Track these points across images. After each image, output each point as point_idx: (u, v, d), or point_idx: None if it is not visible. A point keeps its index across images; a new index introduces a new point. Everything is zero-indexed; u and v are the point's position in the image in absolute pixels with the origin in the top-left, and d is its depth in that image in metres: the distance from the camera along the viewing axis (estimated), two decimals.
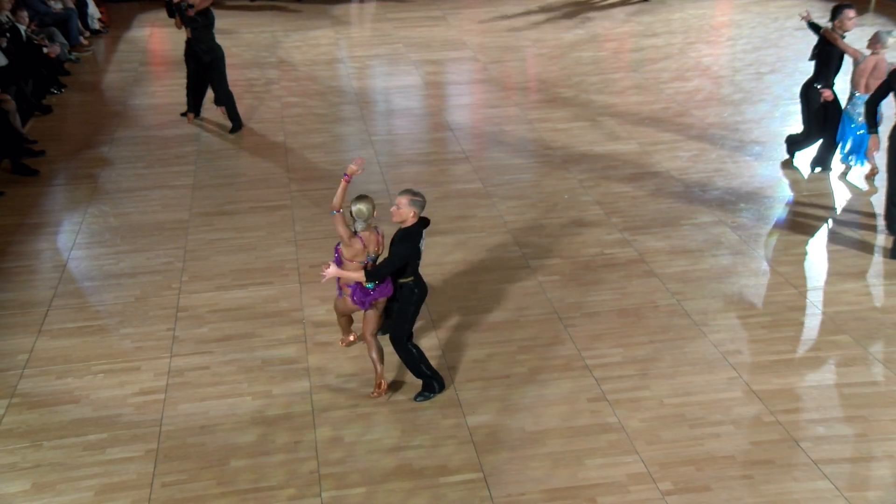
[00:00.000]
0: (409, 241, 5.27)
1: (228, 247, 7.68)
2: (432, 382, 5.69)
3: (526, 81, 12.41)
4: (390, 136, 10.46)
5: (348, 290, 5.61)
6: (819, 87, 8.78)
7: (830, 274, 7.15)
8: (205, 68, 10.23)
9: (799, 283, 7.00)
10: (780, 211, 8.29)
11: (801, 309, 6.66)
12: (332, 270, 5.24)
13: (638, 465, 5.11)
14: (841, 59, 8.67)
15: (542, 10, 16.58)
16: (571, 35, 14.72)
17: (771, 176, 9.06)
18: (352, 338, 6.22)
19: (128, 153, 9.87)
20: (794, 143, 9.26)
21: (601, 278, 7.12)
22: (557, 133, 10.29)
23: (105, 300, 6.89)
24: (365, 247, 5.43)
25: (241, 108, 10.69)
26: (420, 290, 5.46)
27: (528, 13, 16.34)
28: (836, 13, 8.53)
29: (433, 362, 6.01)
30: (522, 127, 10.54)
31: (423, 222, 5.36)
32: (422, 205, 5.31)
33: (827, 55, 8.64)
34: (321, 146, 9.98)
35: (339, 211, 5.33)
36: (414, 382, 5.82)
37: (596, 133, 10.28)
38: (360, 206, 5.36)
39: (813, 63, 8.86)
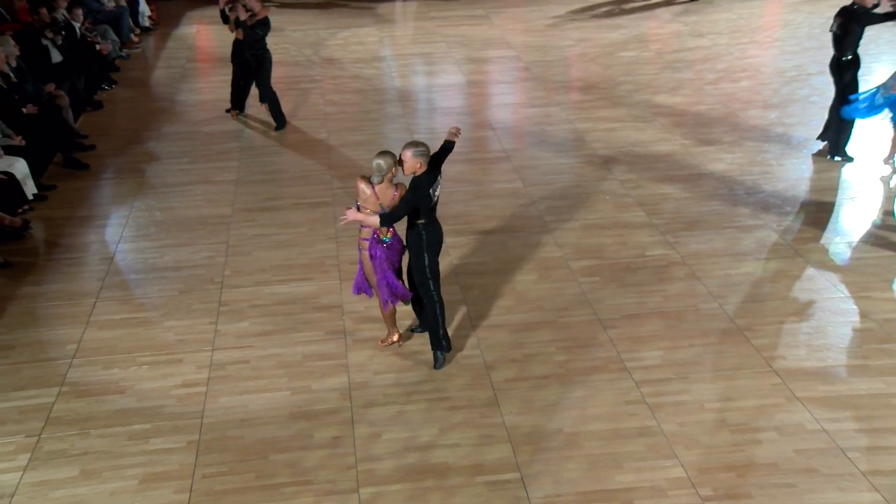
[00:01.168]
0: (419, 188, 5.57)
1: (270, 242, 7.76)
2: (441, 342, 5.92)
3: (568, 81, 12.34)
4: (431, 134, 10.44)
5: (366, 250, 5.76)
6: (848, 57, 8.90)
7: (880, 280, 6.99)
8: (250, 67, 10.34)
9: (847, 289, 6.86)
10: (827, 214, 8.12)
11: (849, 316, 6.52)
12: (352, 213, 5.60)
13: (677, 470, 5.05)
14: (862, 33, 8.81)
15: (586, 9, 16.45)
16: (615, 35, 14.59)
17: (818, 178, 8.88)
18: (395, 338, 6.23)
19: (173, 148, 10.02)
20: (834, 138, 9.19)
21: (642, 280, 7.04)
22: (599, 133, 10.21)
23: (149, 293, 7.00)
24: (377, 197, 5.62)
25: (285, 106, 10.78)
26: (428, 233, 5.68)
27: (572, 12, 16.23)
28: None
29: (471, 361, 6.02)
30: (564, 127, 10.47)
31: (432, 169, 5.66)
32: (426, 153, 5.61)
33: (847, 28, 8.78)
34: (363, 144, 10.03)
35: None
36: (444, 379, 5.83)
37: (639, 134, 10.18)
38: (379, 161, 5.62)
39: (832, 37, 8.99)
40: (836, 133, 9.19)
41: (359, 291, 6.09)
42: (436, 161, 5.76)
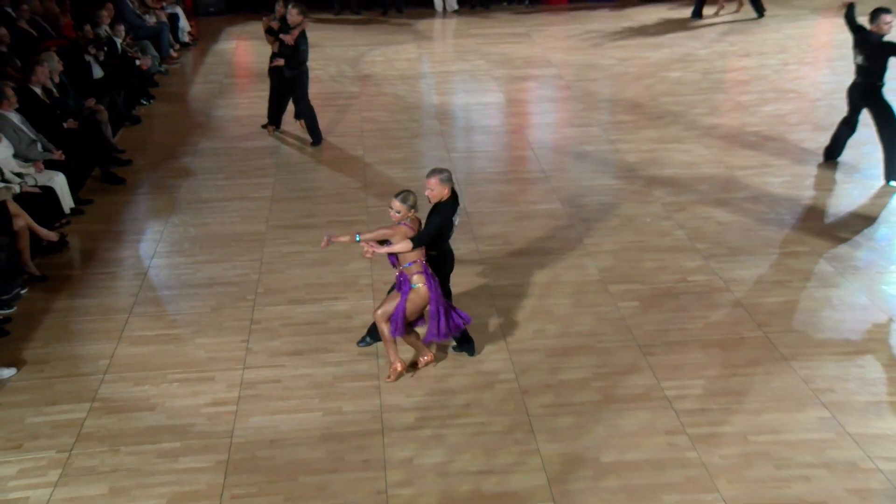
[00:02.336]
0: (443, 212, 5.80)
1: (304, 260, 7.82)
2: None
3: (610, 101, 12.31)
4: (469, 153, 10.51)
5: (423, 284, 5.84)
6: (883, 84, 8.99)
7: None
8: (287, 83, 10.49)
9: None
10: (881, 241, 7.97)
11: None
12: (376, 247, 5.75)
13: None
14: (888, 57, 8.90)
15: (629, 28, 16.43)
16: (659, 54, 14.54)
17: (870, 203, 8.73)
18: (427, 357, 6.23)
19: (209, 164, 10.18)
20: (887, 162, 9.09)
21: (683, 306, 6.97)
22: (641, 154, 10.15)
23: (182, 309, 7.08)
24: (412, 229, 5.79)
25: (322, 122, 10.90)
26: (440, 262, 5.94)
27: (615, 31, 16.22)
28: (874, 17, 8.85)
29: (506, 386, 6.00)
30: (605, 147, 10.44)
31: (454, 196, 5.89)
32: (450, 178, 5.84)
33: (878, 53, 8.86)
34: (400, 162, 10.09)
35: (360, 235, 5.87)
36: (478, 404, 5.80)
37: (682, 155, 10.10)
38: (406, 195, 5.76)
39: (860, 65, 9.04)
40: (889, 157, 9.05)
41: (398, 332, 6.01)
42: (454, 192, 5.95)
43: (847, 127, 9.54)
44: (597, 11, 18.00)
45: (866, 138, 10.14)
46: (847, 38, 9.46)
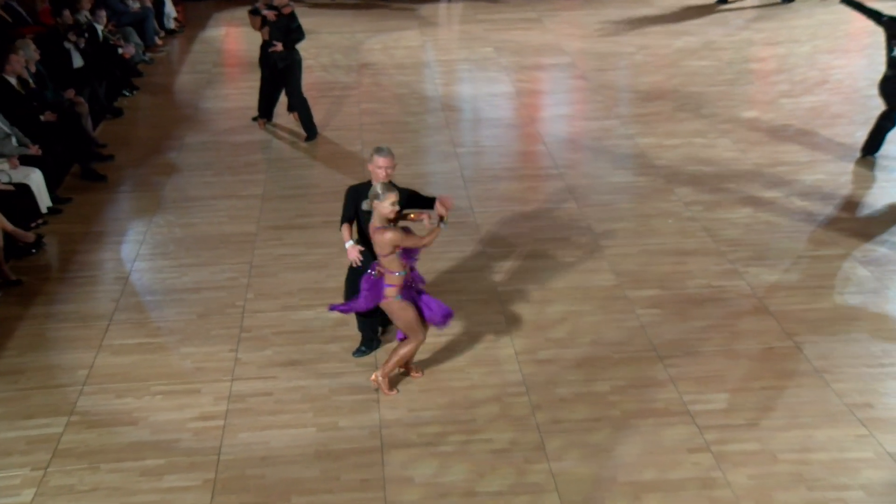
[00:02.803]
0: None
1: (298, 263, 7.82)
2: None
3: (628, 92, 12.30)
4: (477, 148, 10.51)
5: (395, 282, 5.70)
6: None
7: None
8: (279, 72, 10.51)
9: None
10: None
11: None
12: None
13: None
14: None
15: (650, 13, 16.43)
16: (681, 42, 14.54)
17: None
18: (417, 374, 6.26)
19: (196, 160, 10.20)
20: None
21: (707, 314, 6.96)
22: (662, 150, 10.15)
23: (166, 316, 7.10)
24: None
25: (317, 115, 10.92)
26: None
27: (634, 17, 16.21)
28: None
29: (515, 400, 5.99)
30: (623, 142, 10.43)
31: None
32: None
33: None
34: (402, 157, 9.99)
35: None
36: (486, 419, 5.80)
37: (706, 151, 10.09)
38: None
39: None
40: None
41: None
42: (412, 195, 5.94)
43: (887, 121, 9.53)
44: None
45: None
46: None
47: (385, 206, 5.56)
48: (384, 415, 5.89)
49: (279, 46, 10.28)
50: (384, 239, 5.56)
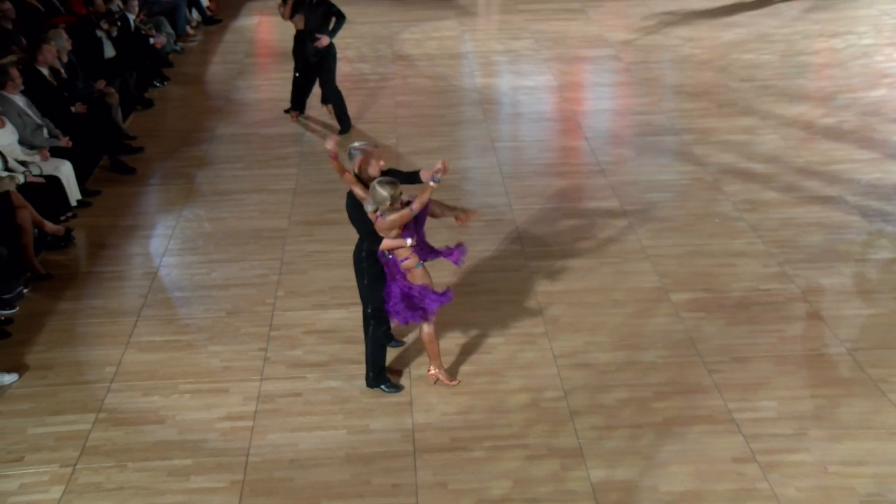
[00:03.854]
0: None
1: (329, 260, 7.87)
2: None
3: (675, 86, 12.21)
4: (516, 143, 10.50)
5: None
6: None
7: None
8: (313, 64, 10.55)
9: None
10: None
11: None
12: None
13: None
14: None
15: (698, 4, 16.27)
16: (731, 34, 14.39)
17: None
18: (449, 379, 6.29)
19: (227, 152, 10.30)
20: None
21: (755, 318, 6.90)
22: (710, 146, 10.06)
23: (194, 313, 7.19)
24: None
25: (351, 107, 10.96)
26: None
27: (681, 8, 16.07)
28: None
29: (553, 405, 5.99)
30: (669, 138, 10.37)
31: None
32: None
33: None
34: (437, 151, 10.10)
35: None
36: (522, 425, 5.80)
37: (756, 148, 10.00)
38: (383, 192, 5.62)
39: None
40: None
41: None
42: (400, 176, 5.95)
43: None
44: None
45: None
46: None
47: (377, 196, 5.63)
48: (417, 418, 5.92)
49: (324, 40, 10.27)
50: (385, 224, 5.62)
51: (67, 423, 5.93)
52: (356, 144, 5.91)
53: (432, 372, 6.20)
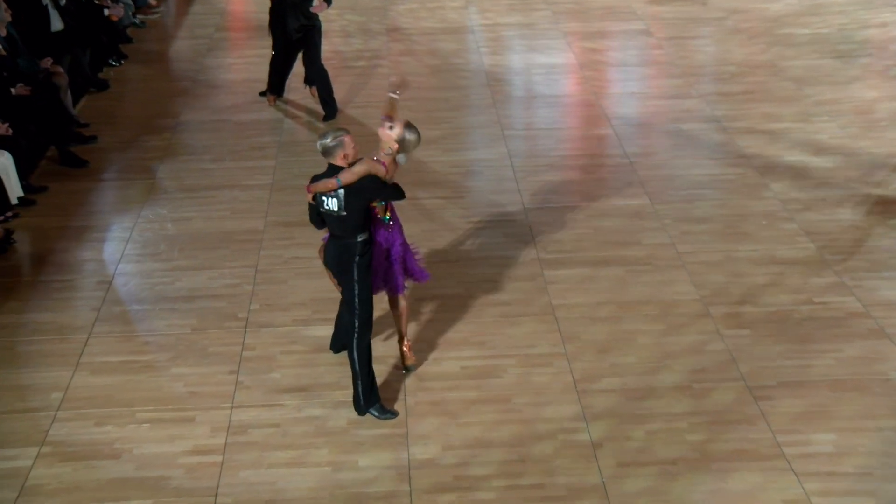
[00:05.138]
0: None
1: (312, 268, 7.84)
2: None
3: (715, 65, 12.21)
4: (530, 131, 10.49)
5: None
6: None
7: None
8: (296, 39, 10.52)
9: None
10: None
11: None
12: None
13: None
14: None
15: None
16: (780, 5, 14.40)
17: None
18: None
19: (194, 142, 10.30)
20: None
21: (809, 336, 6.89)
22: (755, 136, 10.06)
23: (155, 329, 7.17)
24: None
25: (338, 90, 10.95)
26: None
27: None
28: None
29: (572, 437, 5.98)
30: (708, 126, 10.36)
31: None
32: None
33: None
34: (438, 141, 10.10)
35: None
36: (537, 461, 5.79)
37: (809, 138, 9.99)
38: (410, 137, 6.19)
39: None
40: None
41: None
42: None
43: None
44: None
45: None
46: None
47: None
48: (414, 453, 5.89)
49: (321, 5, 10.26)
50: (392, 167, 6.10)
51: (5, 459, 5.90)
52: (328, 141, 5.91)
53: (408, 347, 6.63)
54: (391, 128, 6.08)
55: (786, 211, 8.57)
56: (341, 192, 5.84)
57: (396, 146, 6.08)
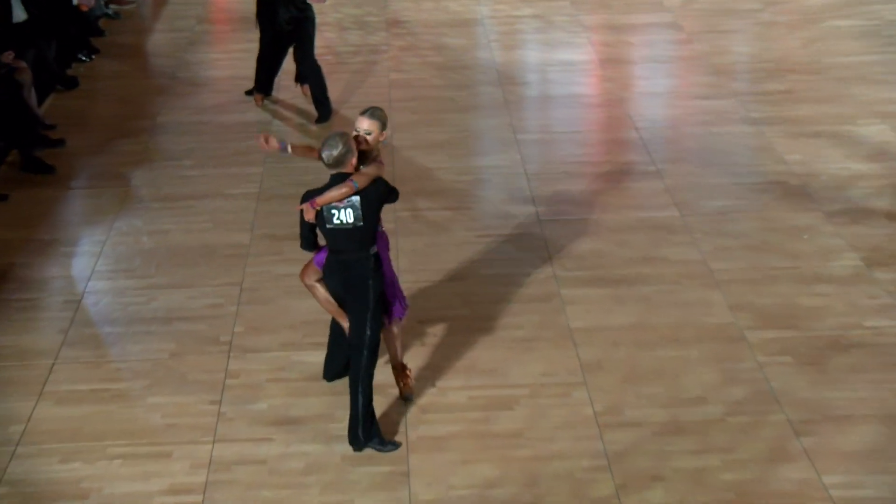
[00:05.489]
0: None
1: (303, 287, 7.81)
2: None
3: (751, 62, 12.21)
4: (545, 134, 10.48)
5: None
6: None
7: None
8: (287, 32, 10.53)
9: None
10: None
11: None
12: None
13: None
14: None
15: None
16: None
17: None
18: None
19: (173, 146, 10.30)
20: None
21: (858, 365, 6.87)
22: (796, 141, 10.05)
23: (129, 354, 7.15)
24: None
25: (333, 89, 10.96)
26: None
27: None
28: None
29: (592, 477, 5.95)
30: (743, 129, 10.36)
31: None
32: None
33: None
34: (444, 146, 10.10)
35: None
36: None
37: (856, 142, 9.99)
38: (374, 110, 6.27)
39: None
40: None
41: None
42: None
43: None
44: None
45: None
46: None
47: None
48: (416, 492, 5.87)
49: None
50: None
51: None
52: (340, 150, 5.86)
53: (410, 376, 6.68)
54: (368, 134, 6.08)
55: (831, 224, 8.56)
56: (356, 199, 5.80)
57: (386, 134, 6.16)
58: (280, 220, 8.81)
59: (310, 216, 5.87)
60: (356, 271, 5.98)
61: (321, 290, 6.34)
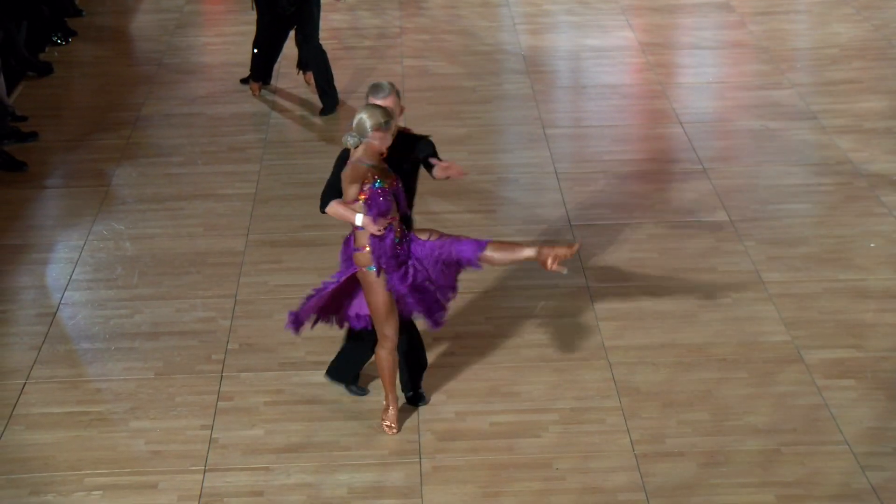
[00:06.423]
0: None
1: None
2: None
3: (812, 49, 12.20)
4: (578, 129, 10.49)
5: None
6: None
7: None
8: (288, 14, 10.52)
9: None
10: None
11: None
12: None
13: None
14: None
15: None
16: None
17: None
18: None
19: (159, 140, 10.36)
20: None
21: None
22: (863, 137, 10.05)
23: (110, 373, 7.19)
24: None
25: (339, 77, 10.99)
26: None
27: None
28: None
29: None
30: (802, 124, 10.36)
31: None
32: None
33: None
34: (464, 141, 10.11)
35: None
36: None
37: None
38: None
39: None
40: None
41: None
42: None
43: None
44: None
45: None
46: None
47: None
48: None
49: None
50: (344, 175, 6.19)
51: None
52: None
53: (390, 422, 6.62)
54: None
55: None
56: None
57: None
58: (278, 225, 8.84)
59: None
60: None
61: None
